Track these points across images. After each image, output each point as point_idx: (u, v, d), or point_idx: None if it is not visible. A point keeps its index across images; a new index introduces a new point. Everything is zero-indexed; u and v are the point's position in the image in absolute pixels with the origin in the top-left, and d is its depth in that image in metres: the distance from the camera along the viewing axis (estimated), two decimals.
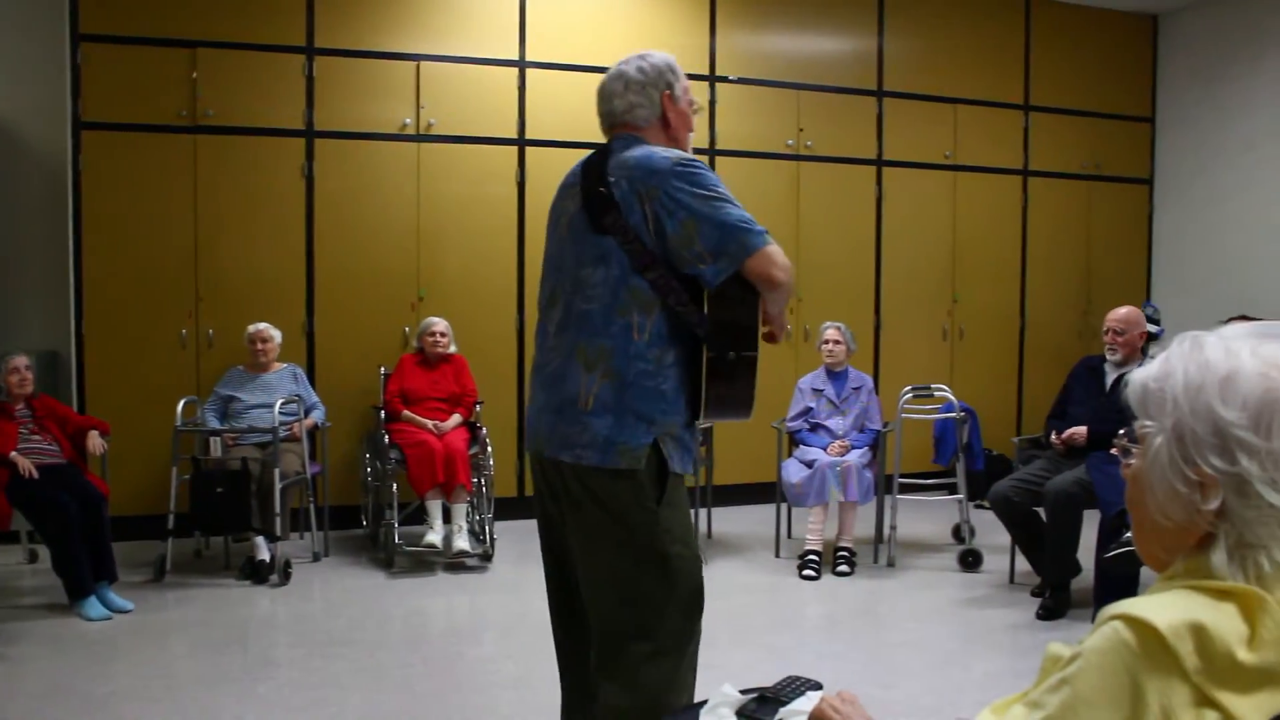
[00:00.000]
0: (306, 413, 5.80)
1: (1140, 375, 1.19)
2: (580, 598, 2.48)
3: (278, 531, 5.26)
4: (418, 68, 6.44)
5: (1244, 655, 1.02)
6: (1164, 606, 1.07)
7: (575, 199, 2.45)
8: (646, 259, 2.34)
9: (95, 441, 5.05)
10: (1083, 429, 4.93)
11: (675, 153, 2.41)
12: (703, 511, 6.08)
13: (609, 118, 2.56)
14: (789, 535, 6.08)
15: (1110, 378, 5.09)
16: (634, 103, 2.51)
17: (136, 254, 6.02)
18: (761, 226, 2.35)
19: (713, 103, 7.05)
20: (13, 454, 4.74)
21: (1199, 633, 1.03)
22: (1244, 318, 6.33)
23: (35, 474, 4.70)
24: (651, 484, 2.35)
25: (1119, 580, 4.33)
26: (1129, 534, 1.25)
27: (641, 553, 2.35)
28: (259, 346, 5.81)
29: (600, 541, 2.39)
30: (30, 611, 4.74)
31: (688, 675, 2.43)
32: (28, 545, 5.61)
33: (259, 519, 5.24)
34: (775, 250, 2.34)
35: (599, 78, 2.58)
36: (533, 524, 2.60)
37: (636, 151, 2.41)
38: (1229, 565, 1.09)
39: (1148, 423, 1.17)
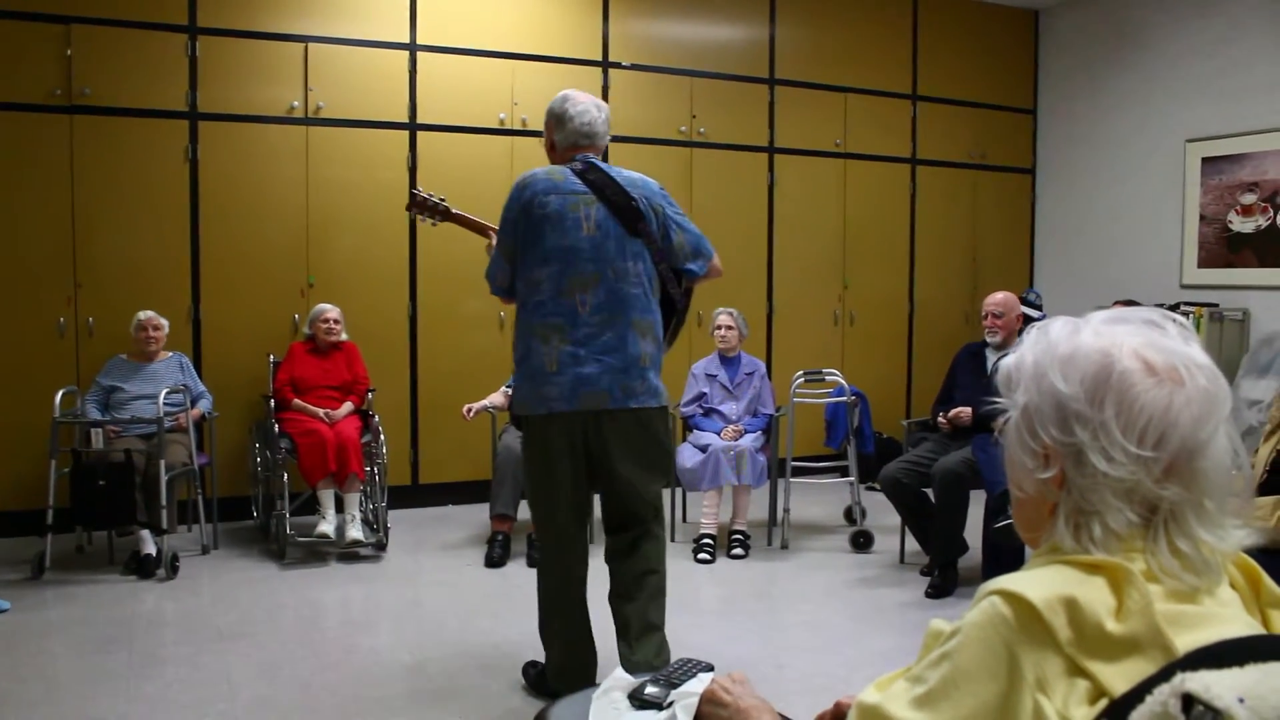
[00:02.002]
0: (193, 402, 5.65)
1: (1005, 362, 1.27)
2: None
3: (164, 525, 5.11)
4: (306, 49, 6.30)
5: (1112, 626, 1.06)
6: (1038, 581, 1.11)
7: (594, 205, 3.34)
8: (659, 256, 3.44)
9: None
10: (967, 409, 5.08)
11: (653, 180, 3.52)
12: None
13: (595, 139, 3.50)
14: (684, 519, 6.12)
15: (991, 361, 5.24)
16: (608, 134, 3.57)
17: (8, 239, 5.76)
18: None
19: (606, 88, 7.05)
20: None
21: (1071, 605, 1.07)
22: (1129, 302, 6.58)
23: None
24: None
25: (1005, 555, 4.49)
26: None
27: (664, 458, 3.58)
28: (150, 334, 5.63)
29: (644, 457, 3.47)
30: None
31: None
32: None
33: (144, 512, 5.08)
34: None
35: (491, 62, 2.65)
36: (428, 511, 2.61)
37: (633, 175, 3.48)
38: (1065, 530, 1.17)
39: (1006, 403, 1.25)
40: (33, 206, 5.82)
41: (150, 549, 5.13)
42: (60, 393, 5.30)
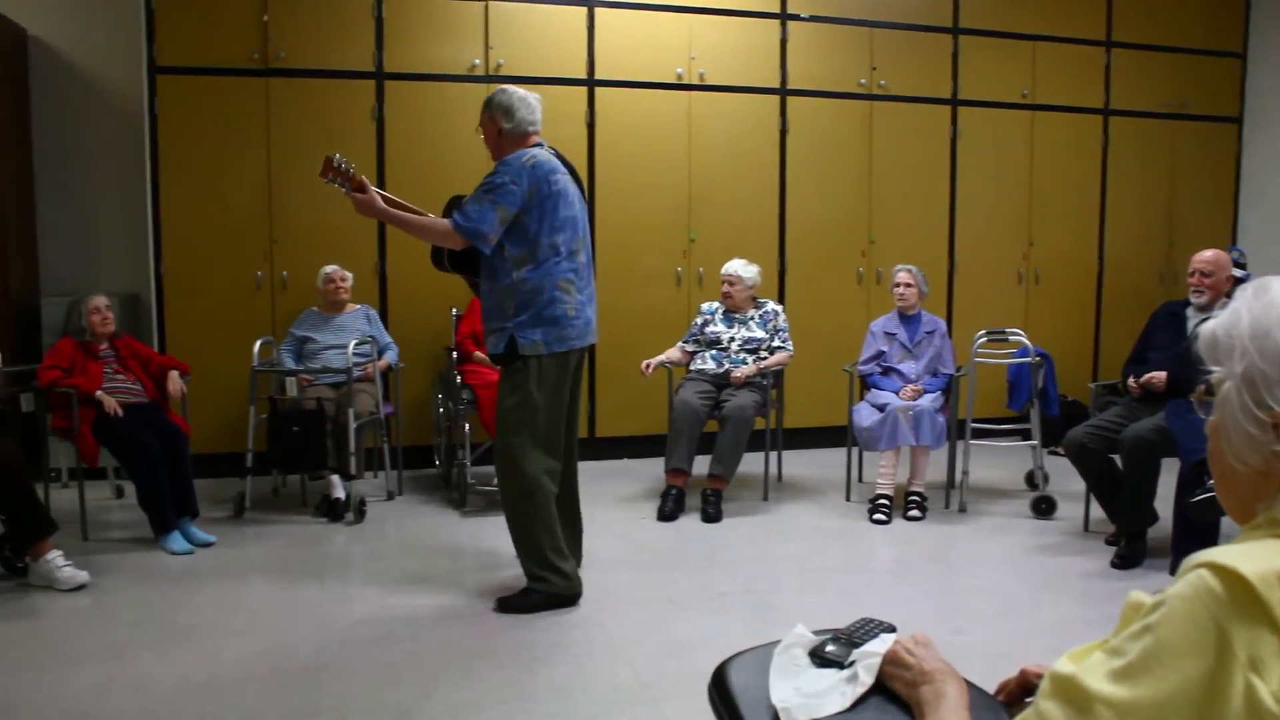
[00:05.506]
0: (380, 354, 5.87)
1: (1209, 325, 1.17)
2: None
3: (352, 470, 5.35)
4: (486, 8, 6.41)
5: None
6: (1251, 555, 1.04)
7: (573, 183, 4.09)
8: None
9: (175, 383, 5.16)
10: (1162, 374, 4.82)
11: None
12: (773, 455, 6.06)
13: (539, 126, 4.17)
14: (860, 479, 6.06)
15: (1192, 323, 4.96)
16: None
17: (212, 197, 6.11)
18: None
19: (784, 41, 6.93)
20: (99, 393, 4.87)
21: None
22: None
23: (120, 412, 4.82)
24: None
25: (1199, 528, 4.26)
26: (1211, 481, 1.23)
27: None
28: (338, 284, 5.89)
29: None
30: (119, 545, 4.91)
31: None
32: (114, 481, 5.80)
33: (334, 458, 5.33)
34: None
35: (669, 16, 2.66)
36: (605, 465, 2.70)
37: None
38: None
39: (1219, 370, 1.15)
40: (233, 166, 6.14)
41: (340, 493, 5.38)
42: (258, 343, 5.60)
